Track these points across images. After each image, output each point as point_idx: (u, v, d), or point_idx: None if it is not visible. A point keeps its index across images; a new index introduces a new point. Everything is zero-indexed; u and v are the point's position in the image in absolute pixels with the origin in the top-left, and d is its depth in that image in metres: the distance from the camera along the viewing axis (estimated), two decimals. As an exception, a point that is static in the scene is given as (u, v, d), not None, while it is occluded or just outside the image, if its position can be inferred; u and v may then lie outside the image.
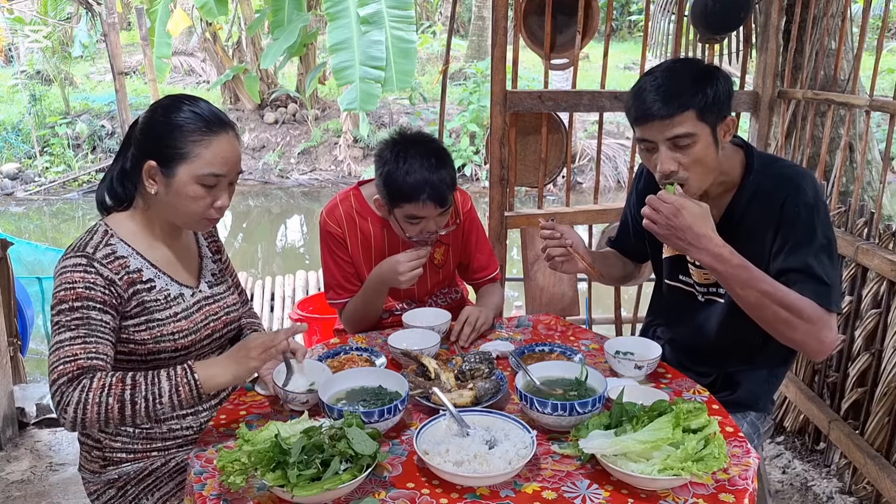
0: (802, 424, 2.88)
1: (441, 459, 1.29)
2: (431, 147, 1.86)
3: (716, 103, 1.54)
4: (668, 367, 1.75)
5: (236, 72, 11.34)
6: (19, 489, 2.72)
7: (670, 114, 1.52)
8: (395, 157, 1.82)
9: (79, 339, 1.41)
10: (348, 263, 2.06)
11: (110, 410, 1.37)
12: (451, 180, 1.85)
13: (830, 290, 1.55)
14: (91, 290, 1.44)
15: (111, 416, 1.37)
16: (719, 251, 1.54)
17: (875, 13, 9.13)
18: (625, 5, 17.37)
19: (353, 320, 2.07)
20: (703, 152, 1.56)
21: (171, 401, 1.40)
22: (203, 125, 1.50)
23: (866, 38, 2.57)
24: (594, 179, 2.99)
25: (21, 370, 3.48)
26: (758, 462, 1.36)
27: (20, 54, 13.07)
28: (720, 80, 1.56)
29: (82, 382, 1.38)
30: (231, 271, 1.83)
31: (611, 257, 2.08)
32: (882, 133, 7.17)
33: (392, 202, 1.85)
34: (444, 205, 1.83)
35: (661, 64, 1.63)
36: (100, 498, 1.65)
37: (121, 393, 1.38)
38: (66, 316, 1.42)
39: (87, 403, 1.36)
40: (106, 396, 1.37)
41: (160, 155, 1.49)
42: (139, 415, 1.39)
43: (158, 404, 1.39)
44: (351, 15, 5.90)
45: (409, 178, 1.78)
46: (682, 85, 1.53)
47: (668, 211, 1.53)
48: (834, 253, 1.61)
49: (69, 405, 1.36)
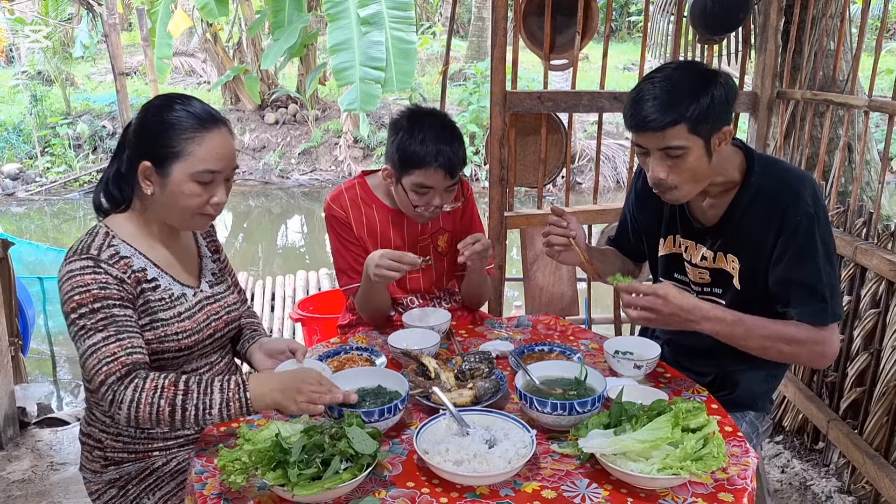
0: (801, 424, 2.89)
1: (441, 459, 1.30)
2: (446, 121, 1.94)
3: (710, 115, 1.53)
4: (668, 367, 1.76)
5: (237, 72, 11.34)
6: (20, 488, 2.73)
7: (662, 126, 1.53)
8: (410, 125, 1.88)
9: (112, 338, 1.42)
10: (356, 246, 2.07)
11: (161, 412, 1.38)
12: (462, 155, 1.90)
13: (828, 306, 1.59)
14: (106, 289, 1.45)
15: (162, 418, 1.39)
16: (714, 314, 1.60)
17: (874, 14, 9.12)
18: (624, 6, 17.37)
19: (364, 306, 2.06)
20: (694, 163, 1.57)
21: (220, 413, 1.40)
22: (195, 122, 1.50)
23: (865, 38, 2.57)
24: (593, 179, 3.00)
25: (22, 370, 3.48)
26: (756, 461, 1.37)
27: (21, 55, 13.07)
28: (718, 88, 1.53)
29: (134, 381, 1.39)
30: (230, 270, 1.83)
31: (609, 255, 2.09)
32: (881, 133, 7.18)
33: (403, 168, 1.89)
34: (452, 175, 1.89)
35: (661, 69, 1.62)
36: (101, 497, 1.65)
37: (173, 397, 1.38)
38: (89, 319, 1.42)
39: (140, 403, 1.37)
40: (158, 398, 1.38)
41: (154, 155, 1.49)
42: (188, 420, 1.39)
43: (208, 415, 1.39)
44: (351, 16, 5.90)
45: (423, 145, 1.85)
46: (676, 97, 1.52)
47: (657, 304, 1.56)
48: (834, 258, 1.63)
49: (122, 403, 1.38)
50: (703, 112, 1.52)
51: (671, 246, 1.84)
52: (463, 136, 1.96)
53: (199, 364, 1.66)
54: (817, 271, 1.59)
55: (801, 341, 1.60)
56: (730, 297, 1.73)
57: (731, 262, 1.70)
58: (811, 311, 1.60)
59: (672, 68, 1.59)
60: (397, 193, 1.97)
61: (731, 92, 1.57)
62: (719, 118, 1.55)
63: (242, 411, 1.41)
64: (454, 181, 1.91)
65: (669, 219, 1.83)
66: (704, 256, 1.75)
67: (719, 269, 1.73)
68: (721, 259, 1.72)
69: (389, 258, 1.83)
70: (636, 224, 1.96)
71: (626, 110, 1.60)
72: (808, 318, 1.60)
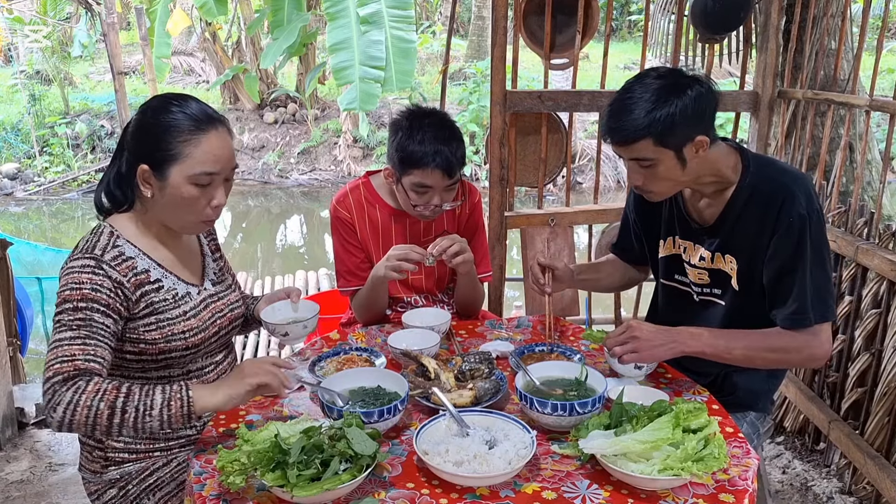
0: (802, 424, 2.88)
1: (441, 459, 1.29)
2: (445, 121, 1.94)
3: (676, 128, 1.51)
4: (668, 368, 1.75)
5: (236, 72, 11.34)
6: (19, 489, 2.72)
7: (627, 141, 1.55)
8: (409, 126, 1.90)
9: (78, 340, 1.40)
10: (358, 250, 2.08)
11: (99, 416, 1.34)
12: (461, 155, 1.91)
13: (810, 309, 1.59)
14: (97, 293, 1.44)
15: (99, 422, 1.34)
16: (692, 329, 1.62)
17: (875, 13, 9.13)
18: (625, 5, 17.37)
19: (362, 307, 2.08)
20: (666, 173, 1.58)
21: (160, 415, 1.36)
22: (192, 124, 1.49)
23: (866, 37, 2.57)
24: (594, 179, 2.99)
25: (20, 370, 3.48)
26: (757, 462, 1.36)
27: (20, 54, 13.07)
28: (687, 99, 1.51)
29: (77, 384, 1.36)
30: (229, 268, 1.84)
31: (607, 268, 2.08)
32: (882, 133, 7.18)
33: (402, 168, 1.90)
34: (451, 175, 1.89)
35: (639, 78, 1.59)
36: (100, 498, 1.64)
37: (113, 400, 1.35)
38: (68, 315, 1.41)
39: (77, 405, 1.33)
40: (98, 401, 1.34)
41: (152, 158, 1.49)
42: (126, 424, 1.35)
43: (148, 416, 1.35)
44: (351, 15, 5.90)
45: (421, 145, 1.86)
46: (642, 110, 1.51)
47: (631, 334, 1.57)
48: (825, 260, 1.62)
49: (59, 405, 1.34)
50: (668, 126, 1.51)
51: (671, 247, 1.84)
52: (463, 136, 1.96)
53: (204, 363, 1.66)
54: (803, 274, 1.59)
55: (784, 349, 1.61)
56: (729, 298, 1.73)
57: (729, 262, 1.70)
58: (792, 314, 1.60)
59: (651, 77, 1.57)
60: (398, 193, 1.98)
61: (705, 100, 1.54)
62: (690, 129, 1.53)
63: (184, 411, 1.37)
64: (454, 180, 1.92)
65: (668, 220, 1.83)
66: (703, 257, 1.74)
67: (718, 269, 1.73)
68: (719, 259, 1.72)
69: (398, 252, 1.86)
70: (637, 227, 1.96)
71: (601, 119, 1.62)
72: (789, 322, 1.61)
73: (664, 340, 1.57)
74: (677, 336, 1.59)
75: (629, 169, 1.63)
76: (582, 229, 5.33)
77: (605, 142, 1.65)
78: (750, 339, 1.63)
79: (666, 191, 1.66)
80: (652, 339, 1.57)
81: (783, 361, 1.67)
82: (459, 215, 2.14)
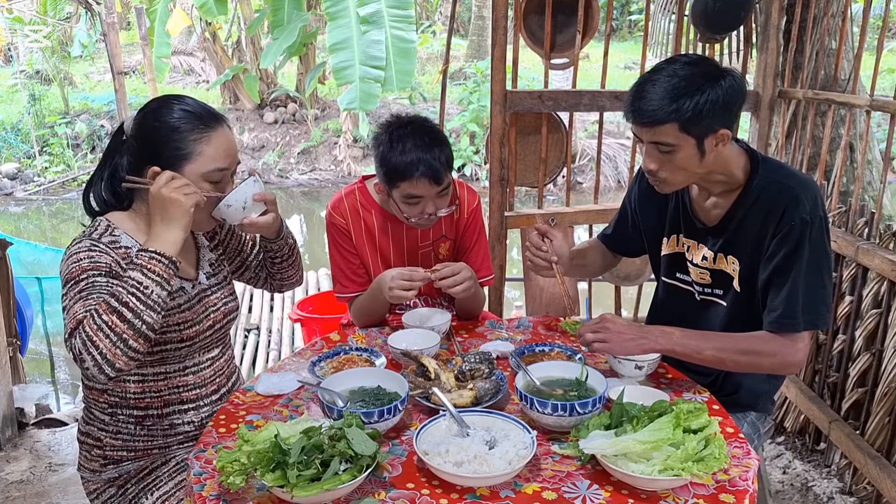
0: (803, 425, 2.88)
1: (441, 460, 1.29)
2: (425, 127, 1.89)
3: (704, 117, 1.50)
4: (669, 368, 1.75)
5: (236, 71, 11.34)
6: (18, 489, 2.72)
7: (652, 123, 1.53)
8: (389, 138, 1.86)
9: (80, 301, 1.39)
10: (354, 255, 2.07)
11: (114, 326, 1.31)
12: (446, 159, 1.87)
13: (798, 315, 1.58)
14: (95, 262, 1.45)
15: (121, 332, 1.32)
16: (662, 328, 1.62)
17: (875, 13, 9.12)
18: (625, 5, 17.36)
19: (361, 314, 2.07)
20: (683, 161, 1.57)
21: (153, 282, 1.36)
22: (199, 122, 1.51)
23: (867, 37, 2.57)
24: (594, 179, 2.99)
25: (20, 370, 3.48)
26: (758, 462, 1.36)
27: (19, 54, 13.07)
28: (719, 90, 1.50)
29: (78, 328, 1.34)
30: (228, 257, 1.83)
31: (589, 253, 2.08)
32: (882, 133, 7.16)
33: (389, 182, 1.88)
34: (438, 182, 1.85)
35: (672, 61, 1.58)
36: (99, 497, 1.65)
37: (107, 307, 1.33)
38: (73, 289, 1.41)
39: (90, 338, 1.31)
40: (99, 319, 1.32)
41: (162, 159, 1.49)
42: (140, 309, 1.34)
43: (146, 289, 1.35)
44: (351, 15, 5.90)
45: (402, 156, 1.82)
46: (672, 94, 1.50)
47: (604, 325, 1.58)
48: (824, 267, 1.61)
49: (80, 353, 1.31)
50: (696, 113, 1.50)
51: (674, 245, 1.83)
52: (447, 139, 1.92)
53: (200, 359, 1.67)
54: (796, 278, 1.58)
55: (756, 352, 1.60)
56: (730, 300, 1.73)
57: (732, 263, 1.69)
58: (780, 317, 1.59)
59: (681, 62, 1.56)
60: (392, 206, 1.96)
61: (734, 94, 1.53)
62: (716, 120, 1.52)
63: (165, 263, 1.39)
64: (443, 186, 1.88)
65: (674, 217, 1.82)
66: (705, 257, 1.74)
67: (720, 270, 1.72)
68: (721, 260, 1.71)
69: (401, 279, 1.84)
70: (637, 221, 1.95)
71: (626, 98, 1.61)
72: (776, 325, 1.60)
73: (634, 335, 1.58)
74: (647, 333, 1.60)
75: (646, 153, 1.61)
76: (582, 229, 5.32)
77: (626, 121, 1.62)
78: (721, 341, 1.62)
79: (678, 181, 1.63)
80: (623, 332, 1.58)
81: (754, 365, 1.64)
82: (458, 220, 2.10)
